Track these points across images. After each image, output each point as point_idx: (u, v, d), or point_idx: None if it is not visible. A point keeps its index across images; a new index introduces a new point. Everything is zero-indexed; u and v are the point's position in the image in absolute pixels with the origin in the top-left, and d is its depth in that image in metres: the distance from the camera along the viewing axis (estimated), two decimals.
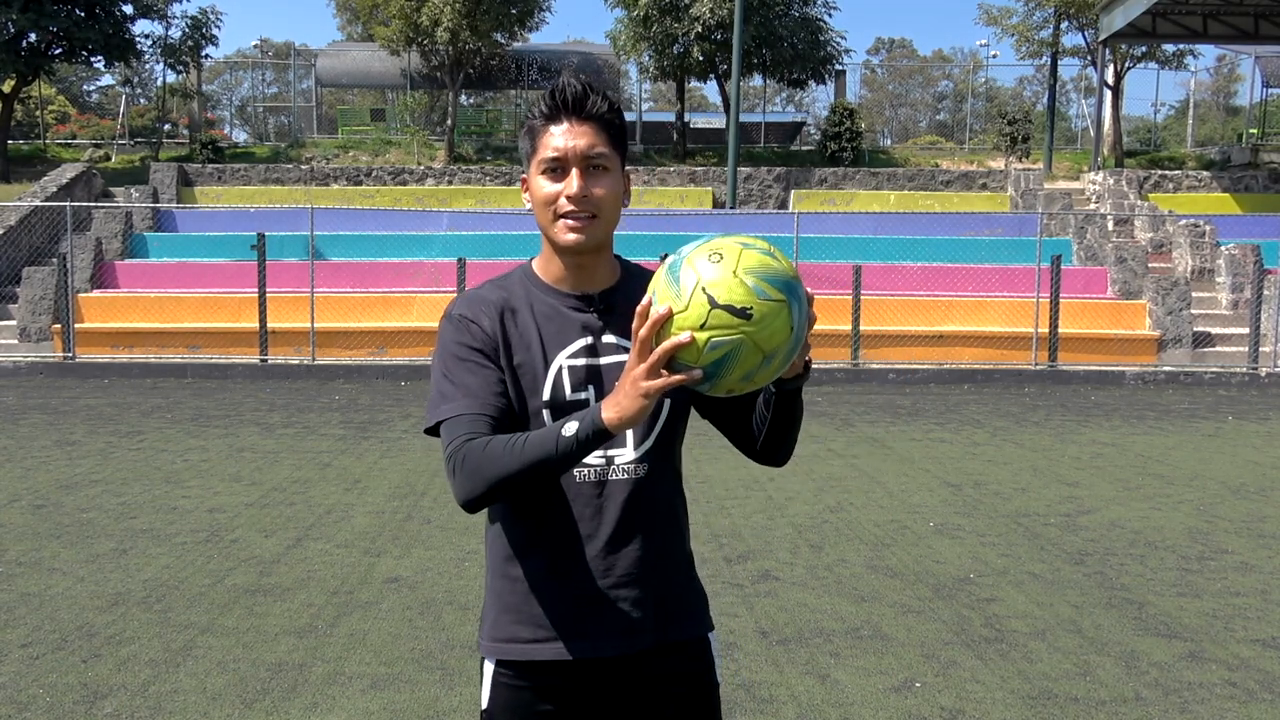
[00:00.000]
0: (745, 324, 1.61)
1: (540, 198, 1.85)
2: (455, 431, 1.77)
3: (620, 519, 1.86)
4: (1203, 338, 16.59)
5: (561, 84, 1.83)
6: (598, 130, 1.83)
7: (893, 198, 22.16)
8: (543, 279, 1.92)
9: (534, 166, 1.86)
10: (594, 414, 1.66)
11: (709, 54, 24.18)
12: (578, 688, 1.87)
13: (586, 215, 1.82)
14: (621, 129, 1.89)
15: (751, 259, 1.63)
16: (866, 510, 7.01)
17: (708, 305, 1.60)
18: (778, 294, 1.63)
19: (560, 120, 1.83)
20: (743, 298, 1.61)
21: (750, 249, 1.65)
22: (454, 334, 1.86)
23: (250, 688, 4.04)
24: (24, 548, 5.93)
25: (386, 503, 7.02)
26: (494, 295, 1.90)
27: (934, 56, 65.49)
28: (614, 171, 1.85)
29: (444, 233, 18.85)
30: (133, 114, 30.64)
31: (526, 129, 1.88)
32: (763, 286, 1.62)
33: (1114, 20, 22.01)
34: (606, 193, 1.84)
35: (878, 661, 4.37)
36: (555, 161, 1.82)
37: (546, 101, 1.84)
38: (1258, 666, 4.37)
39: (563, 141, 1.81)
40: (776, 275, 1.64)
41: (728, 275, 1.61)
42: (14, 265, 17.65)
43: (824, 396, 13.12)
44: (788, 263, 1.68)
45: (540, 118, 1.85)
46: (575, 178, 1.81)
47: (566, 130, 1.82)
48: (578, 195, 1.81)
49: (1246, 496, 7.62)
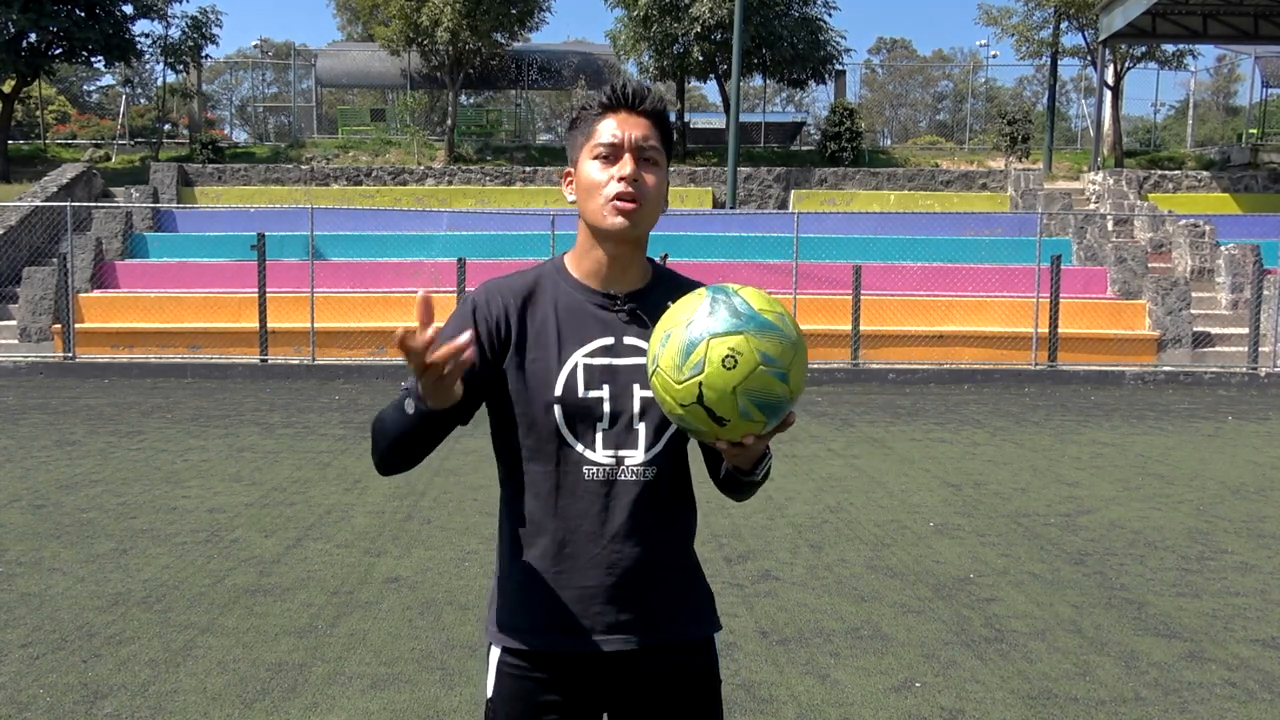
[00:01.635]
0: (717, 427, 1.65)
1: (590, 183, 1.87)
2: (390, 402, 1.89)
3: (626, 519, 1.87)
4: (1202, 338, 16.60)
5: (623, 80, 1.92)
6: (652, 127, 1.88)
7: (893, 198, 22.17)
8: (573, 274, 1.94)
9: (585, 153, 1.89)
10: (416, 388, 1.75)
11: (709, 54, 24.19)
12: (580, 681, 1.89)
13: (636, 200, 1.85)
14: (670, 133, 1.94)
15: (759, 381, 1.62)
16: (866, 510, 7.01)
17: (694, 398, 1.63)
18: (760, 416, 1.64)
19: (618, 111, 1.87)
20: (728, 412, 1.62)
21: (767, 368, 1.62)
22: (458, 316, 1.92)
23: (250, 688, 4.04)
24: (24, 548, 5.93)
25: (386, 503, 7.02)
26: (518, 284, 1.93)
27: (934, 56, 65.50)
28: (662, 168, 1.90)
29: (444, 233, 18.86)
30: (133, 114, 30.64)
31: (578, 120, 1.92)
32: (751, 410, 1.63)
33: (1114, 20, 22.02)
34: (656, 185, 1.88)
35: (878, 661, 4.37)
36: (610, 148, 1.86)
37: (606, 94, 1.89)
38: (1257, 666, 4.37)
39: (620, 130, 1.86)
40: (772, 401, 1.63)
41: (726, 390, 1.61)
42: (14, 265, 17.66)
43: (824, 396, 13.12)
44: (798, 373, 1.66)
45: (597, 108, 1.89)
46: (629, 162, 1.85)
47: (624, 120, 1.87)
48: (631, 176, 1.84)
49: (1246, 496, 7.62)
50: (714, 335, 1.61)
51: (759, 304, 1.66)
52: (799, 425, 10.57)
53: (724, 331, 1.62)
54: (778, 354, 1.62)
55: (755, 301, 1.66)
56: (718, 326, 1.62)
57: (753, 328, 1.62)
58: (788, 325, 1.66)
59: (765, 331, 1.63)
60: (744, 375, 1.60)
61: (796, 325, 1.69)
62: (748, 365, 1.60)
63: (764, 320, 1.64)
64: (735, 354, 1.60)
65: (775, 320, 1.65)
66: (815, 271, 16.75)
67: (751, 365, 1.60)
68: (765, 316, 1.64)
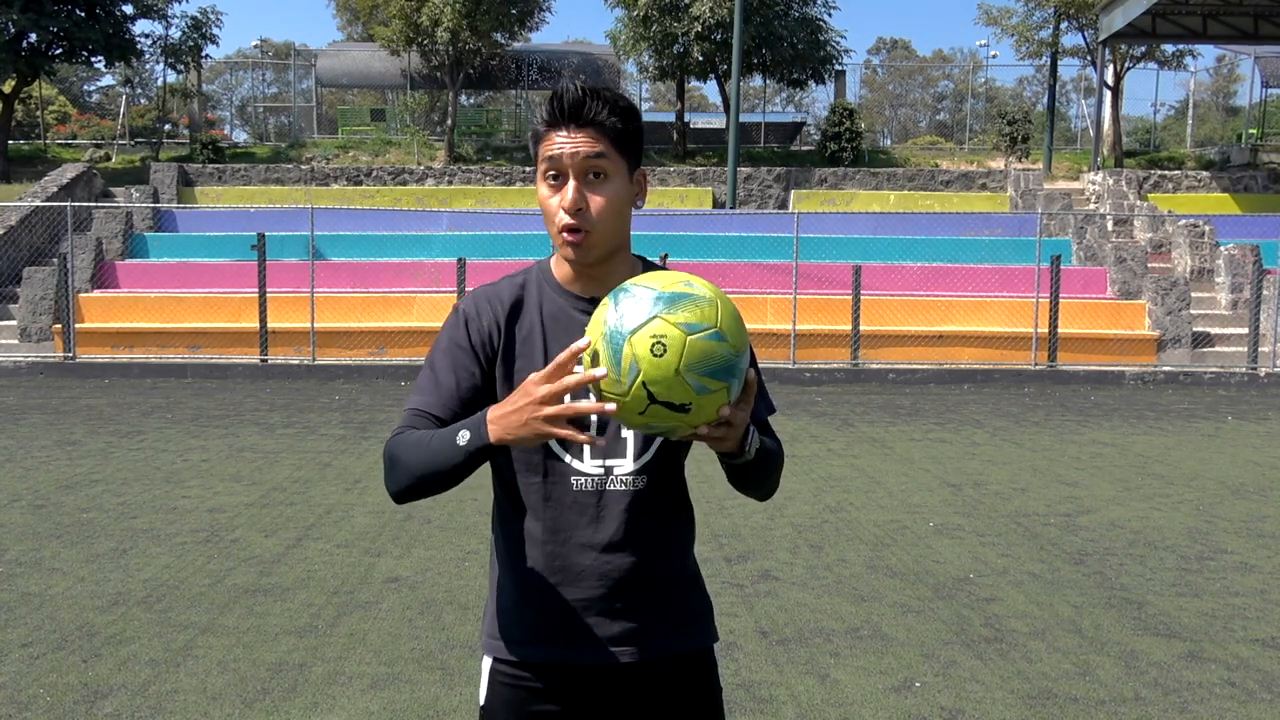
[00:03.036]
0: (682, 415, 1.59)
1: (544, 208, 1.82)
2: (400, 425, 1.82)
3: (617, 529, 1.84)
4: (1202, 338, 16.60)
5: (560, 89, 1.79)
6: (598, 136, 1.78)
7: (893, 198, 22.17)
8: (556, 278, 1.90)
9: (538, 175, 1.83)
10: (481, 428, 1.67)
11: (709, 54, 24.19)
12: (573, 691, 1.87)
13: (581, 231, 1.78)
14: (628, 131, 1.82)
15: (696, 350, 1.56)
16: (866, 510, 7.01)
17: (647, 400, 1.57)
18: (719, 384, 1.59)
19: (560, 126, 1.79)
20: (683, 396, 1.57)
21: (696, 334, 1.56)
22: (450, 328, 1.88)
23: (250, 688, 4.04)
24: (24, 548, 5.93)
25: (386, 503, 7.02)
26: (506, 291, 1.90)
27: (934, 56, 65.50)
28: (615, 177, 1.80)
29: (444, 233, 18.86)
30: (133, 114, 30.61)
31: (532, 134, 1.85)
32: (704, 382, 1.57)
33: (1114, 20, 22.02)
34: (606, 202, 1.79)
35: (878, 661, 4.37)
36: (553, 168, 1.79)
37: (546, 108, 1.80)
38: (1257, 666, 4.37)
39: (559, 149, 1.78)
40: (720, 364, 1.58)
41: (669, 374, 1.55)
42: (14, 265, 17.66)
43: (824, 396, 13.13)
44: (731, 323, 1.60)
45: (542, 123, 1.81)
46: (571, 189, 1.77)
47: (565, 137, 1.78)
48: (571, 207, 1.77)
49: (1246, 496, 7.62)
50: (631, 332, 1.57)
51: (661, 284, 1.61)
52: (799, 425, 10.58)
53: (638, 324, 1.57)
54: (699, 318, 1.57)
55: (656, 283, 1.61)
56: (630, 322, 1.57)
57: (662, 307, 1.58)
58: (696, 288, 1.61)
59: (677, 304, 1.58)
60: (679, 354, 1.55)
61: (709, 285, 1.64)
62: (677, 343, 1.55)
63: (671, 294, 1.59)
64: (659, 339, 1.55)
65: (682, 288, 1.60)
66: (815, 271, 16.75)
67: (680, 341, 1.55)
68: (670, 290, 1.60)
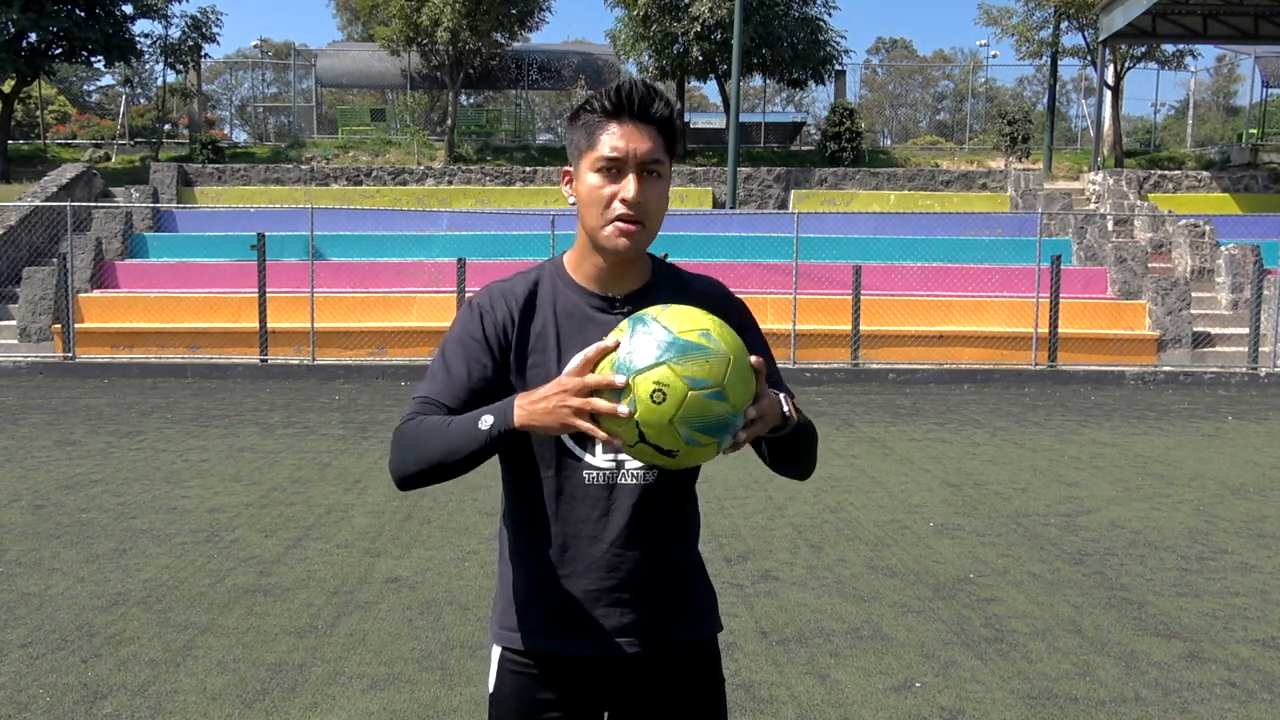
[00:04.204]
0: (667, 458, 1.61)
1: (592, 197, 1.79)
2: (411, 412, 1.82)
3: (627, 523, 1.86)
4: (1202, 338, 16.60)
5: (628, 83, 1.79)
6: (657, 135, 1.79)
7: (893, 198, 22.16)
8: (572, 276, 1.90)
9: (586, 163, 1.80)
10: (508, 412, 1.68)
11: (709, 54, 24.18)
12: (581, 681, 1.89)
13: (639, 222, 1.78)
14: (676, 134, 1.84)
15: (694, 406, 1.55)
16: (866, 510, 7.01)
17: (636, 437, 1.58)
18: (709, 439, 1.59)
19: (622, 119, 1.77)
20: (671, 443, 1.58)
21: (698, 390, 1.55)
22: (464, 321, 1.89)
23: (250, 688, 4.04)
24: (24, 548, 5.93)
25: (386, 503, 7.02)
26: (520, 287, 1.90)
27: (934, 56, 65.50)
28: (666, 178, 1.83)
29: (444, 233, 18.85)
30: (133, 114, 30.61)
31: (581, 122, 1.82)
32: (695, 436, 1.57)
33: (1114, 20, 22.02)
34: (659, 200, 1.81)
35: (878, 661, 4.37)
36: (613, 162, 1.77)
37: (610, 98, 1.77)
38: (1257, 666, 4.37)
39: (624, 143, 1.76)
40: (714, 422, 1.57)
41: (663, 421, 1.56)
42: (14, 265, 17.65)
43: (824, 396, 13.13)
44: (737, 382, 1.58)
45: (600, 113, 1.79)
46: (633, 182, 1.77)
47: (628, 131, 1.77)
48: (633, 200, 1.76)
49: (1246, 496, 7.62)
50: (638, 371, 1.56)
51: (680, 325, 1.59)
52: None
53: (646, 366, 1.56)
54: (706, 374, 1.56)
55: (675, 324, 1.59)
56: (638, 361, 1.56)
57: (673, 355, 1.56)
58: (714, 340, 1.59)
59: (688, 355, 1.56)
60: (676, 406, 1.55)
61: (728, 335, 1.62)
62: (677, 395, 1.55)
63: (685, 343, 1.57)
64: (662, 387, 1.55)
65: (698, 339, 1.58)
66: (815, 271, 16.75)
67: (681, 394, 1.55)
68: (686, 338, 1.57)
